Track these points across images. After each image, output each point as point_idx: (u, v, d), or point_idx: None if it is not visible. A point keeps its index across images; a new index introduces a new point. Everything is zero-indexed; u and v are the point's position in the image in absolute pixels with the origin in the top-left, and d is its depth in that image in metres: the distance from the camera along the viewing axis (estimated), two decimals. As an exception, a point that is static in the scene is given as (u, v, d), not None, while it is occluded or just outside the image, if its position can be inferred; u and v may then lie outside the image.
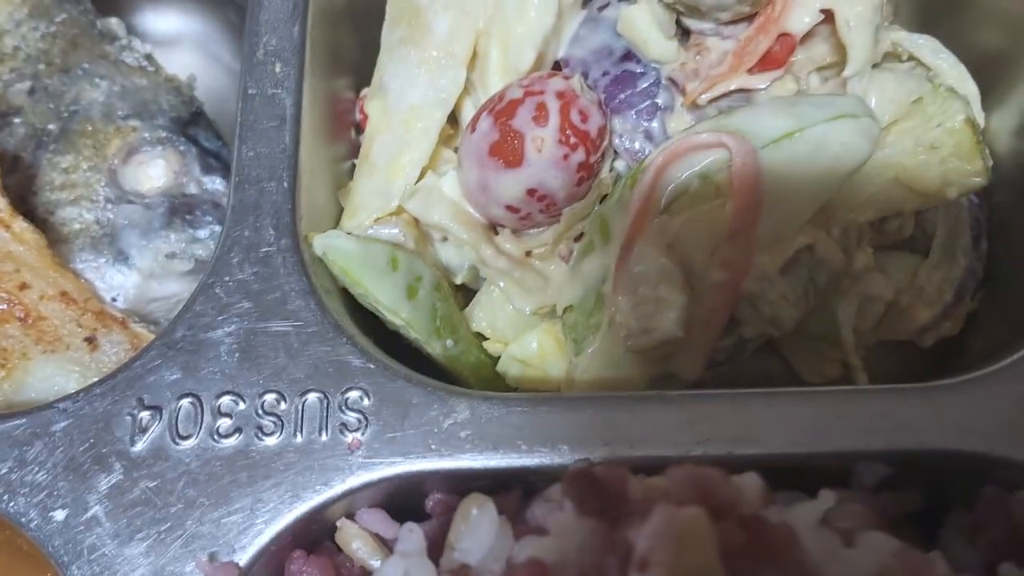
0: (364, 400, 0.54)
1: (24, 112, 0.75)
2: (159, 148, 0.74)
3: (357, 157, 0.70)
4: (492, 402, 0.54)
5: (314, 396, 0.54)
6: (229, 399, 0.54)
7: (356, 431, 0.53)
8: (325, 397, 0.54)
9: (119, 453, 0.53)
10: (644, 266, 0.58)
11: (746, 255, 0.59)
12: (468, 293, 0.71)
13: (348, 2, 0.73)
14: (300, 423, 0.54)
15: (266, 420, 0.54)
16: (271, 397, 0.54)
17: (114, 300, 0.70)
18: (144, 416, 0.54)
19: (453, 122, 0.70)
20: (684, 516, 0.36)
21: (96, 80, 0.77)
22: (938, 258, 0.69)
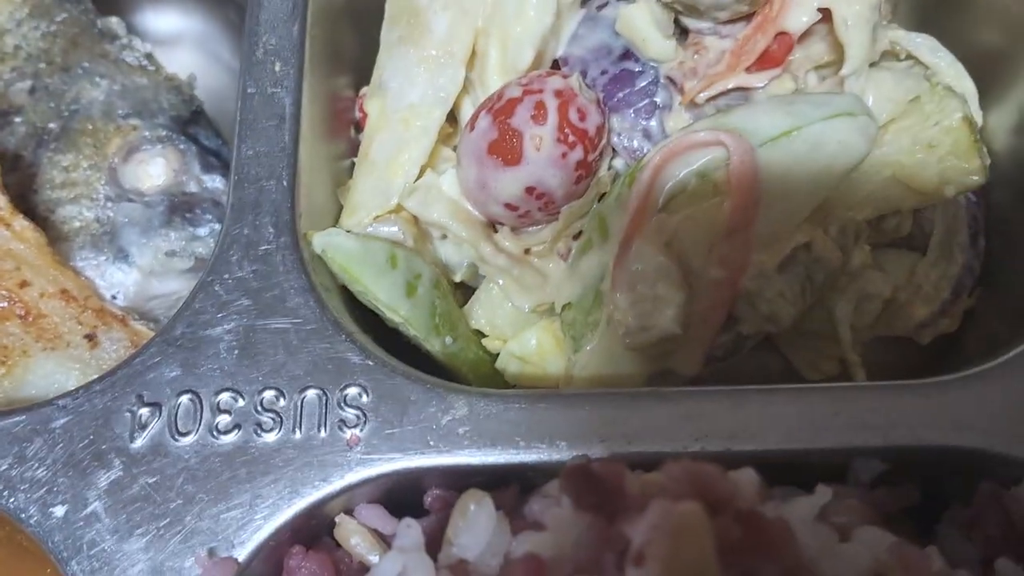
0: (363, 397, 0.54)
1: (25, 111, 0.75)
2: (159, 147, 0.75)
3: (356, 155, 0.70)
4: (490, 399, 0.54)
5: (313, 393, 0.55)
6: (228, 396, 0.54)
7: (355, 427, 0.53)
8: (324, 394, 0.54)
9: (118, 449, 0.53)
10: (642, 264, 0.58)
11: (744, 253, 0.59)
12: (467, 291, 0.72)
13: (347, 1, 0.73)
14: (299, 419, 0.54)
15: (265, 417, 0.54)
16: (270, 394, 0.55)
17: (114, 298, 0.71)
18: (143, 413, 0.54)
19: (452, 121, 0.70)
20: (680, 510, 0.36)
21: (96, 79, 0.77)
22: (936, 256, 0.69)
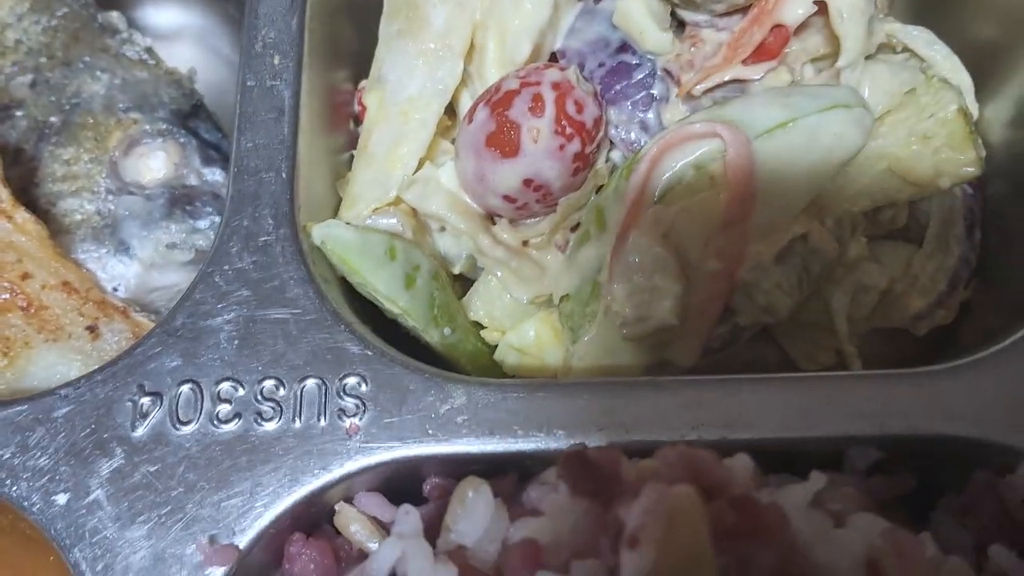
0: (362, 386, 0.55)
1: (26, 105, 0.75)
2: (159, 140, 0.75)
3: (355, 148, 0.70)
4: (488, 388, 0.55)
5: (312, 382, 0.55)
6: (228, 385, 0.55)
7: (354, 416, 0.54)
8: (323, 383, 0.55)
9: (120, 438, 0.53)
10: (639, 255, 0.59)
11: (741, 244, 0.59)
12: (466, 282, 0.72)
13: (346, -5, 0.74)
14: (299, 409, 0.54)
15: (265, 406, 0.54)
16: (270, 383, 0.55)
17: (115, 290, 0.71)
18: (145, 402, 0.54)
19: (451, 113, 0.70)
20: (674, 493, 0.37)
21: (97, 73, 0.77)
22: (932, 248, 0.69)
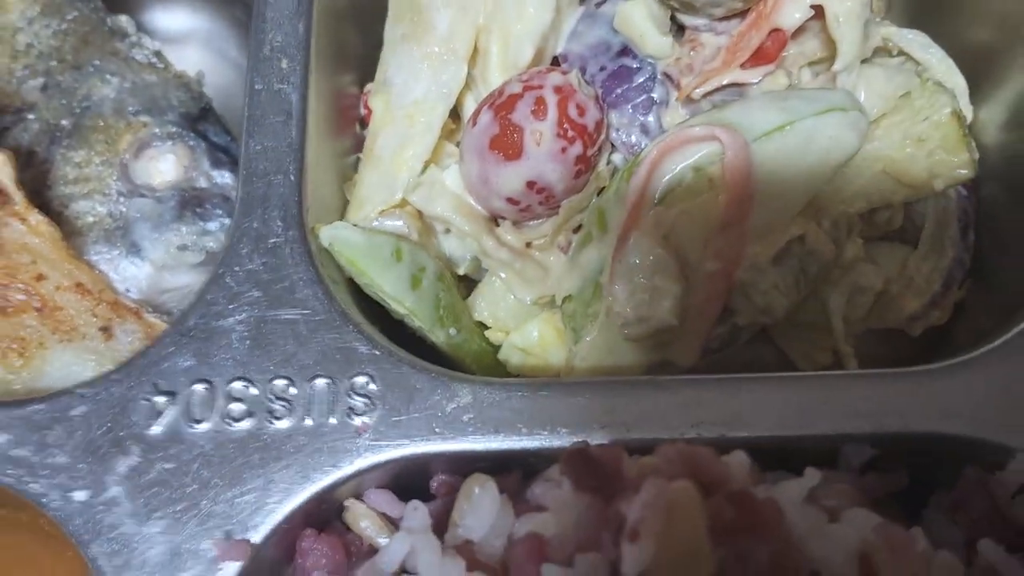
0: (371, 385, 0.56)
1: (38, 108, 0.76)
2: (169, 143, 0.75)
3: (362, 151, 0.71)
4: (493, 387, 0.56)
5: (322, 381, 0.56)
6: (241, 384, 0.56)
7: (363, 415, 0.55)
8: (333, 382, 0.56)
9: (136, 436, 0.55)
10: (640, 257, 0.60)
11: (739, 245, 0.60)
12: (470, 283, 0.73)
13: (352, -1, 0.75)
14: (309, 407, 0.55)
15: (277, 404, 0.56)
16: (281, 382, 0.56)
17: (127, 291, 0.71)
18: (159, 401, 0.56)
19: (455, 117, 0.71)
20: (674, 489, 0.38)
21: (107, 76, 0.78)
22: (927, 249, 0.70)
